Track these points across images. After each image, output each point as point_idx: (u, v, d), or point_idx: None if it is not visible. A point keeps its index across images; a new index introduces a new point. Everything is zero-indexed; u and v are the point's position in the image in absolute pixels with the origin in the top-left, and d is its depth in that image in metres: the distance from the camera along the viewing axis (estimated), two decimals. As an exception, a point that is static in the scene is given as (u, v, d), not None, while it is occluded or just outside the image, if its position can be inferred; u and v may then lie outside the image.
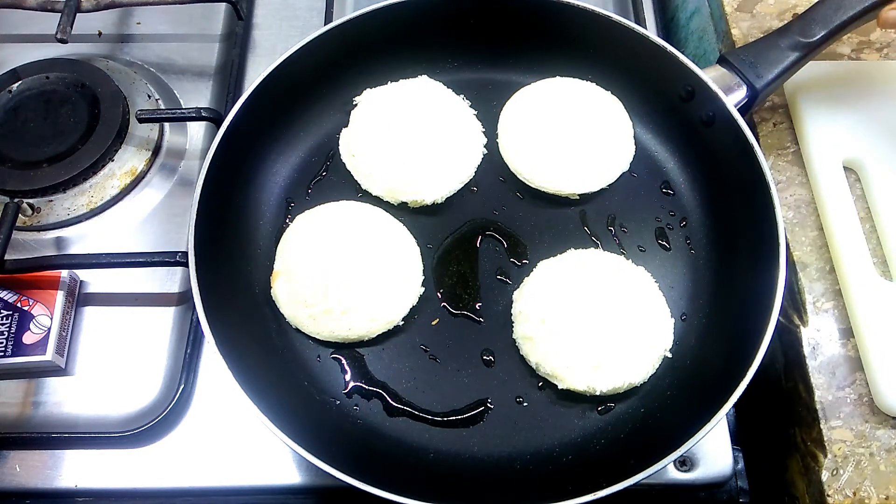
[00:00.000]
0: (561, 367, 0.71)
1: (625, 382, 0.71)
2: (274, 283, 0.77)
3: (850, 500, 0.66)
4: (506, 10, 0.86)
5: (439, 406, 0.74)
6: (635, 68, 0.84)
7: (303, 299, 0.75)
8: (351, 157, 0.84)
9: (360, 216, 0.80)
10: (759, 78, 0.78)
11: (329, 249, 0.77)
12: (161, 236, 0.85)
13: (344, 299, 0.74)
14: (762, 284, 0.69)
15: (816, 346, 0.73)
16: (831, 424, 0.69)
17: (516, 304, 0.76)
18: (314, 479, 0.73)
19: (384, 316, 0.75)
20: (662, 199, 0.84)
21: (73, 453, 0.74)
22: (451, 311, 0.78)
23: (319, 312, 0.74)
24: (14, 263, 0.77)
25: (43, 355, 0.75)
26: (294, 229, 0.80)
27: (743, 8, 0.92)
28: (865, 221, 0.77)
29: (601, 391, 0.71)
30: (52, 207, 0.85)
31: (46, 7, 0.94)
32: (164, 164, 0.90)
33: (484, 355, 0.76)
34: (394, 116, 0.84)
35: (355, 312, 0.74)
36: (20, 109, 0.89)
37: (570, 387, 0.71)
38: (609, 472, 0.62)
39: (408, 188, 0.81)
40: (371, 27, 0.84)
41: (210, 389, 0.78)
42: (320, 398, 0.74)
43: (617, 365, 0.71)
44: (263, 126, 0.82)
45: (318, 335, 0.75)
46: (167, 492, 0.74)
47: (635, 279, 0.76)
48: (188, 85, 0.96)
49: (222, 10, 1.01)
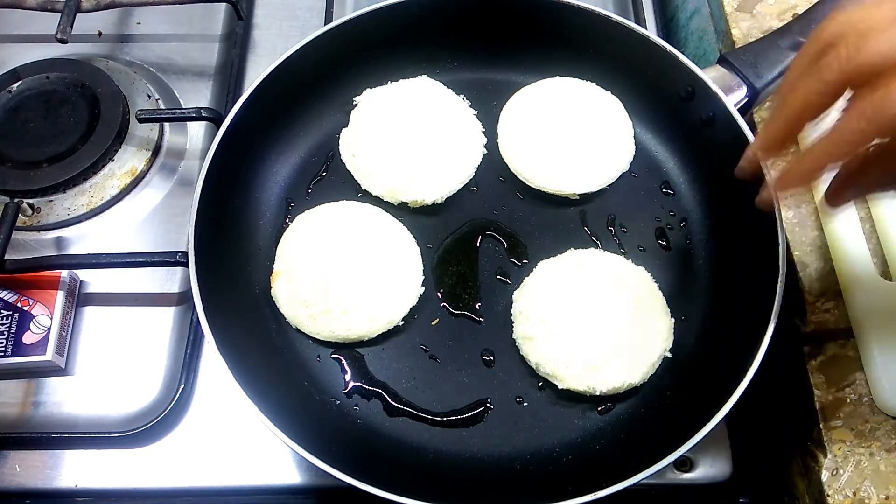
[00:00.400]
0: (561, 368, 0.71)
1: (624, 383, 0.71)
2: (274, 283, 0.77)
3: (850, 500, 0.66)
4: (506, 10, 0.86)
5: (439, 406, 0.74)
6: (635, 68, 0.84)
7: (303, 299, 0.75)
8: (351, 157, 0.84)
9: (359, 216, 0.80)
10: (759, 78, 0.78)
11: (329, 249, 0.77)
12: (161, 236, 0.85)
13: (344, 299, 0.74)
14: (762, 284, 0.69)
15: (816, 347, 0.73)
16: (831, 424, 0.69)
17: (516, 304, 0.76)
18: (314, 479, 0.73)
19: (384, 316, 0.75)
20: (662, 199, 0.84)
21: (73, 453, 0.75)
22: (451, 310, 0.78)
23: (319, 312, 0.74)
24: (14, 263, 0.77)
25: (43, 355, 0.75)
26: (294, 229, 0.80)
27: (743, 8, 0.92)
28: (865, 221, 0.77)
29: (601, 391, 0.71)
30: (52, 207, 0.85)
31: (46, 7, 0.94)
32: (164, 164, 0.90)
33: (484, 355, 0.76)
34: (394, 116, 0.84)
35: (355, 312, 0.74)
36: (20, 109, 0.89)
37: (570, 387, 0.71)
38: (609, 472, 0.62)
39: (408, 188, 0.81)
40: (371, 27, 0.84)
41: (210, 389, 0.78)
42: (320, 398, 0.74)
43: (617, 365, 0.71)
44: (263, 126, 0.82)
45: (318, 335, 0.75)
46: (167, 492, 0.74)
47: (635, 279, 0.76)
48: (188, 85, 0.96)
49: (222, 10, 1.01)
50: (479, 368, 0.75)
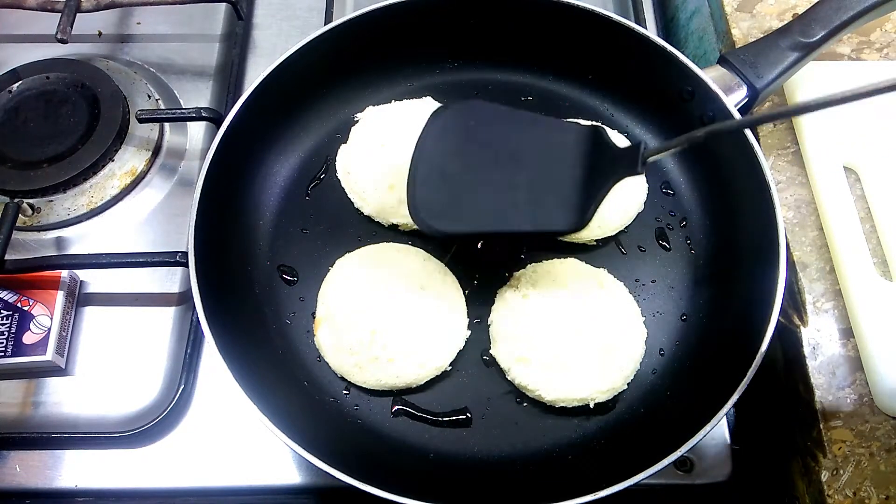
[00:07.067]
0: (543, 393, 0.71)
1: (609, 388, 0.71)
2: (317, 331, 0.75)
3: (850, 500, 0.66)
4: (506, 10, 0.86)
5: (439, 406, 0.74)
6: (635, 68, 0.84)
7: (348, 347, 0.73)
8: (346, 175, 0.83)
9: (401, 258, 0.78)
10: (759, 78, 0.78)
11: (372, 294, 0.75)
12: (161, 236, 0.85)
13: (390, 346, 0.72)
14: (762, 284, 0.69)
15: (816, 346, 0.73)
16: (831, 424, 0.69)
17: (493, 346, 0.75)
18: (314, 479, 0.74)
19: (432, 362, 0.73)
20: (662, 199, 0.84)
21: (73, 453, 0.75)
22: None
23: (365, 360, 0.72)
24: (14, 263, 0.77)
25: (43, 355, 0.75)
26: (335, 274, 0.77)
27: (743, 8, 0.92)
28: (865, 221, 0.77)
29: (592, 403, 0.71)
30: (52, 207, 0.85)
31: (46, 7, 0.94)
32: (164, 164, 0.90)
33: (484, 355, 0.76)
34: (392, 137, 0.82)
35: (403, 360, 0.72)
36: (20, 109, 0.89)
37: (552, 403, 0.71)
38: (609, 472, 0.62)
39: (399, 211, 0.80)
40: (371, 27, 0.84)
41: (210, 389, 0.78)
42: (320, 398, 0.74)
43: (597, 378, 0.71)
44: (263, 126, 0.82)
45: (364, 384, 0.73)
46: (167, 492, 0.74)
47: (598, 283, 0.76)
48: (188, 85, 0.96)
49: (222, 10, 1.01)
50: (479, 368, 0.75)
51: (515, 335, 0.73)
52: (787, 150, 0.84)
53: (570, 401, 0.71)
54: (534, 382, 0.71)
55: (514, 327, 0.73)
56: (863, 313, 0.72)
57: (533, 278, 0.76)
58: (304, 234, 0.82)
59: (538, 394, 0.71)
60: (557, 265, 0.78)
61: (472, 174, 0.67)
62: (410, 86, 0.91)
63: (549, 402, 0.71)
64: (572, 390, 0.70)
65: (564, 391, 0.70)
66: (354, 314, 0.74)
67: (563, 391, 0.70)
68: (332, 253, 0.80)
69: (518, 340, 0.72)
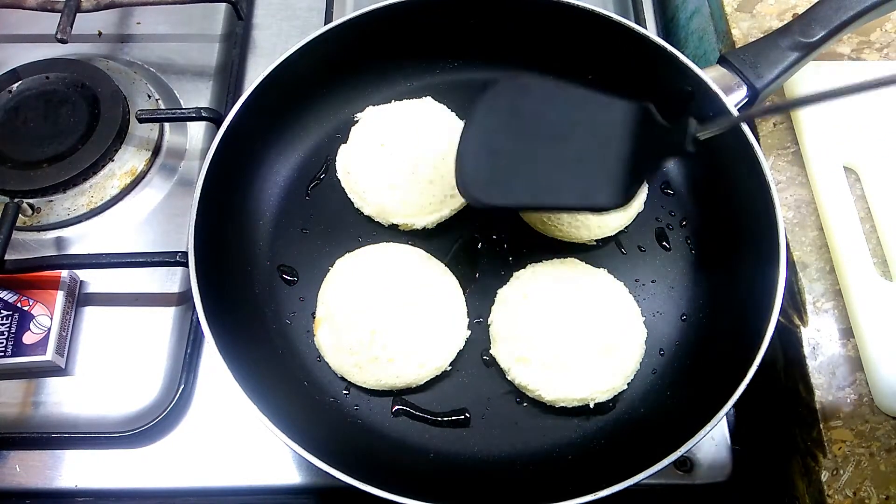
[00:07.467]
0: (544, 393, 0.71)
1: (609, 388, 0.71)
2: (317, 331, 0.75)
3: (850, 500, 0.66)
4: (506, 10, 0.86)
5: (439, 406, 0.74)
6: (635, 68, 0.84)
7: (347, 347, 0.73)
8: (346, 174, 0.83)
9: (401, 258, 0.77)
10: (759, 78, 0.78)
11: (372, 294, 0.74)
12: (161, 236, 0.85)
13: (390, 346, 0.72)
14: (762, 284, 0.69)
15: (816, 346, 0.73)
16: (831, 424, 0.69)
17: (493, 346, 0.75)
18: (314, 479, 0.74)
19: (432, 362, 0.73)
20: (662, 199, 0.84)
21: (73, 453, 0.75)
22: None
23: (365, 361, 0.72)
24: (14, 263, 0.77)
25: (43, 355, 0.75)
26: (335, 274, 0.77)
27: (743, 8, 0.92)
28: (865, 221, 0.77)
29: (594, 403, 0.71)
30: (52, 207, 0.85)
31: (46, 7, 0.94)
32: (164, 164, 0.90)
33: (484, 355, 0.76)
34: (392, 137, 0.82)
35: (403, 359, 0.72)
36: (20, 109, 0.89)
37: (552, 403, 0.71)
38: (609, 472, 0.62)
39: (399, 211, 0.80)
40: (371, 27, 0.84)
41: (210, 389, 0.78)
42: (320, 398, 0.74)
43: (597, 378, 0.71)
44: (263, 126, 0.82)
45: (364, 384, 0.73)
46: (167, 492, 0.74)
47: (597, 284, 0.75)
48: (188, 85, 0.96)
49: (222, 10, 1.01)
50: (479, 368, 0.75)
51: (515, 335, 0.73)
52: (787, 150, 0.84)
53: (570, 401, 0.71)
54: (534, 382, 0.71)
55: (514, 327, 0.73)
56: (863, 313, 0.72)
57: (533, 278, 0.76)
58: (304, 234, 0.82)
59: (538, 394, 0.71)
60: (557, 265, 0.78)
61: (519, 149, 0.67)
62: (410, 86, 0.91)
63: (549, 402, 0.71)
64: (572, 390, 0.70)
65: (564, 391, 0.70)
66: (354, 314, 0.74)
67: (563, 391, 0.70)
68: (332, 253, 0.80)
69: (518, 340, 0.72)
